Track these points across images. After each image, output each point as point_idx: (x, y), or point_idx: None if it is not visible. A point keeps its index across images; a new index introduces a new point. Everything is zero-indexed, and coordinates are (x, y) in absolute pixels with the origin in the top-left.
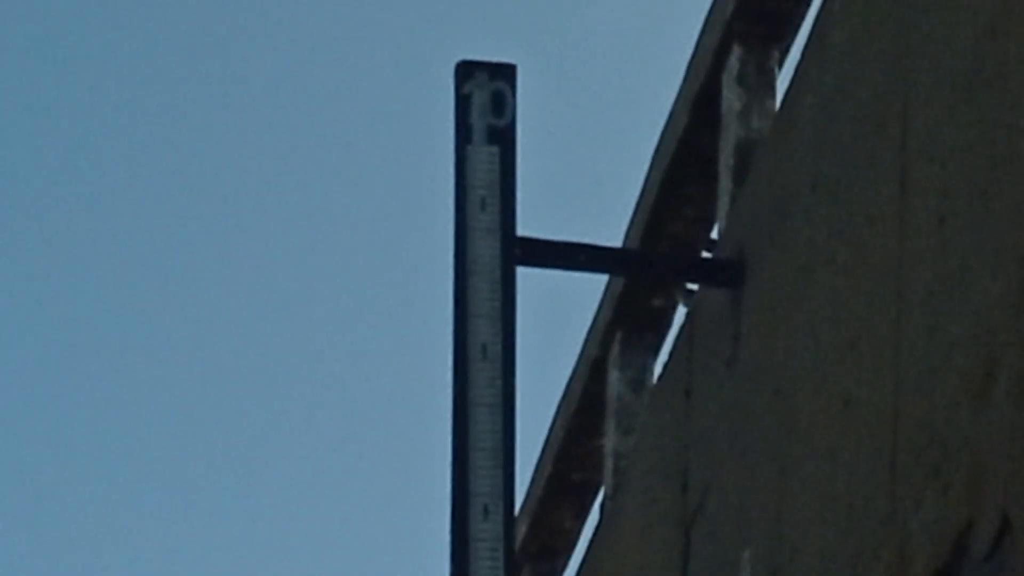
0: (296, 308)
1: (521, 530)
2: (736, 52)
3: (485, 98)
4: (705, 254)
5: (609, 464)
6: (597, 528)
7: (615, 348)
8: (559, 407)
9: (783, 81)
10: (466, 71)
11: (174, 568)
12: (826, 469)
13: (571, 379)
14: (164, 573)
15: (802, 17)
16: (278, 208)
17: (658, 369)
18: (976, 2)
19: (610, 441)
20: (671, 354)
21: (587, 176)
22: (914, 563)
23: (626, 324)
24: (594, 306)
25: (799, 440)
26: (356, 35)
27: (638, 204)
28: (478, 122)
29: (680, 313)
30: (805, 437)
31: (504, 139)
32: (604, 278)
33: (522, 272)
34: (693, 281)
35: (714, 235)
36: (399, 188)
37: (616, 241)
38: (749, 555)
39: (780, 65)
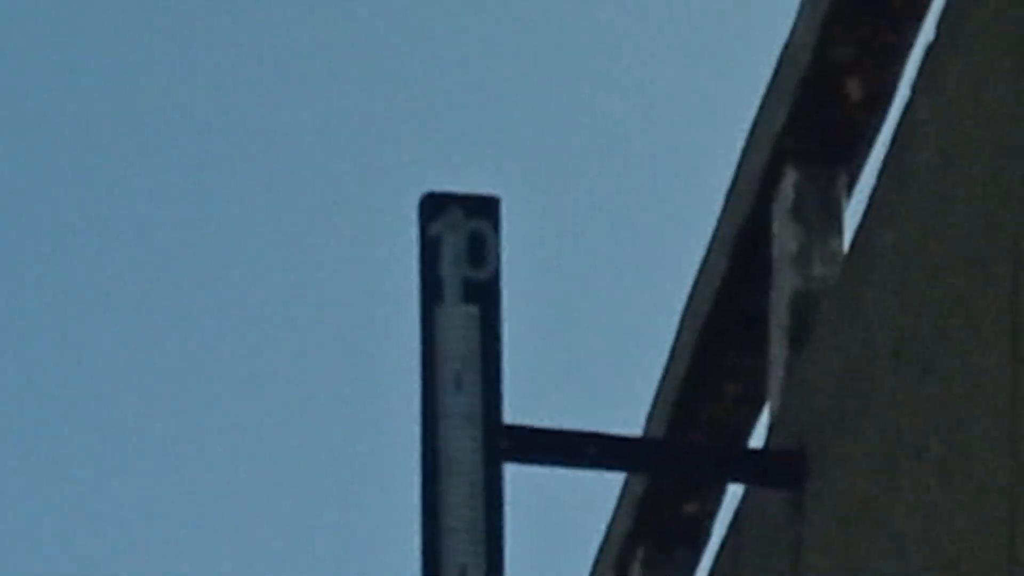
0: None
1: None
2: (790, 177)
3: (460, 242)
4: (753, 444)
5: None
6: None
7: (636, 568)
8: None
9: (853, 214)
10: (435, 207)
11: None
12: None
13: None
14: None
15: (877, 129)
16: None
17: None
18: None
19: None
20: (711, 575)
21: (595, 343)
22: None
23: (650, 537)
24: (607, 514)
25: None
26: (300, 156)
27: (664, 379)
28: (451, 274)
29: (721, 522)
30: None
31: (485, 296)
32: (620, 478)
33: (511, 471)
34: (738, 480)
35: (765, 419)
36: (352, 358)
37: (635, 429)
38: None
39: (849, 193)
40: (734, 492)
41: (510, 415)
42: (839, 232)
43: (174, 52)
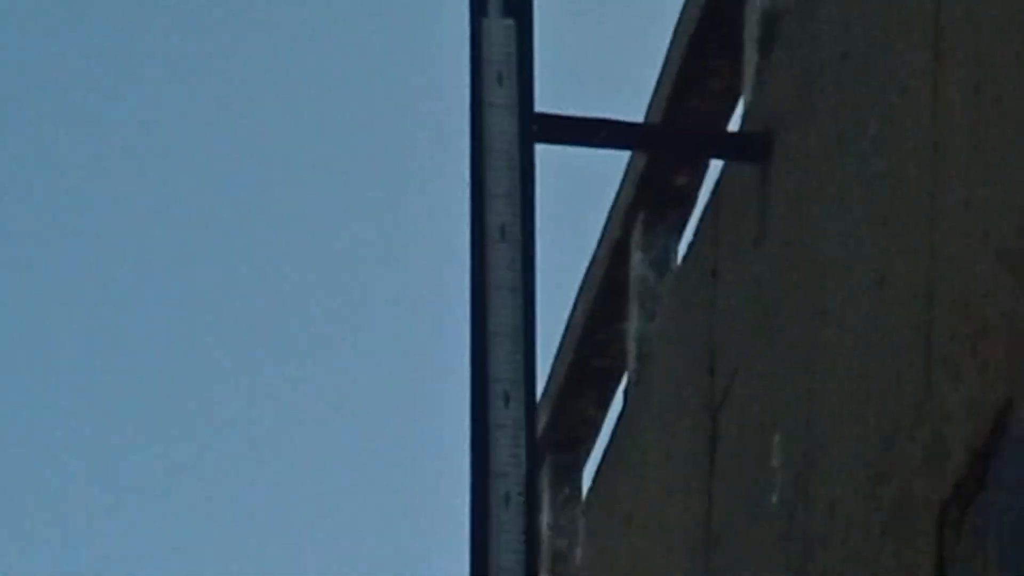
0: (308, 190)
1: (542, 420)
2: None
3: None
4: (731, 128)
5: (632, 349)
6: (621, 416)
7: (638, 229)
8: (580, 291)
9: None
10: None
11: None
12: (859, 349)
13: (592, 262)
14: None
15: None
16: (281, 81)
17: (683, 249)
18: None
19: (633, 325)
20: (696, 233)
21: (607, 50)
22: (951, 444)
23: (649, 204)
24: (615, 186)
25: (830, 320)
26: None
27: (660, 78)
28: None
29: (705, 191)
30: (837, 316)
31: (520, 11)
32: (625, 156)
33: (541, 150)
34: (718, 156)
35: (740, 109)
36: (409, 63)
37: (638, 118)
38: (780, 439)
39: None
40: (715, 166)
41: (540, 105)
42: None
43: None
